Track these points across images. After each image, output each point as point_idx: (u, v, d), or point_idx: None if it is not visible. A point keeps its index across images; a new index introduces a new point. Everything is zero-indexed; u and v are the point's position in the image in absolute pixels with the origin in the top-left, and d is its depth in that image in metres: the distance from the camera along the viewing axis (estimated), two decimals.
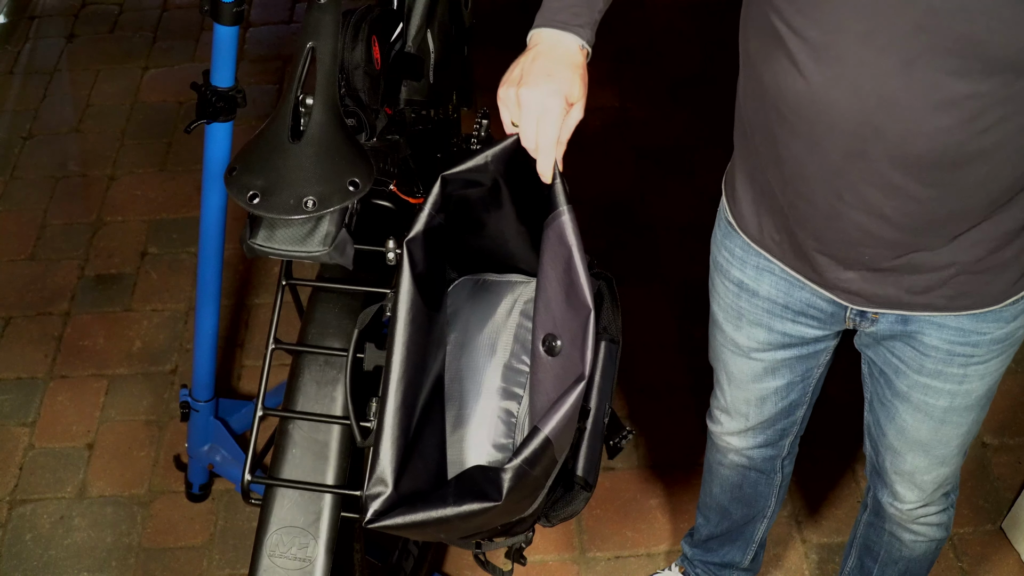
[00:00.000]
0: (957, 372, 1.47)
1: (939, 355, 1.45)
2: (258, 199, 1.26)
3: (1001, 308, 1.40)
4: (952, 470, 1.64)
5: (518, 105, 1.27)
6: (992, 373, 1.49)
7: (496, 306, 1.44)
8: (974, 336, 1.42)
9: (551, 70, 1.26)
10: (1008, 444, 2.38)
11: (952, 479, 1.68)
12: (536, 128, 1.26)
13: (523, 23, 1.34)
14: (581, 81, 1.28)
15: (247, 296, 2.75)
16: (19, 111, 3.31)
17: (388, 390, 1.24)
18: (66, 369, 2.58)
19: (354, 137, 1.37)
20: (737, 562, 2.01)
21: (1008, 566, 2.18)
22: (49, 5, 3.74)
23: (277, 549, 1.41)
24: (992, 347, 1.44)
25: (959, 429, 1.56)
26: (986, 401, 1.55)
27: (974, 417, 1.56)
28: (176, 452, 2.40)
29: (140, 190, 3.03)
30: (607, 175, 2.95)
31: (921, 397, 1.51)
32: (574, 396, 1.17)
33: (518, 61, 1.30)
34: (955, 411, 1.52)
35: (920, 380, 1.50)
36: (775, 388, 1.65)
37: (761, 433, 1.76)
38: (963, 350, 1.44)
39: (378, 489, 1.20)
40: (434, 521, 1.18)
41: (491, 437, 1.37)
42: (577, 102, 1.28)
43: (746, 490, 1.88)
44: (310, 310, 1.53)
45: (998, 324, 1.42)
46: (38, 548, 2.24)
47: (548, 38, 1.30)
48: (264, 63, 3.43)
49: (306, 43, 1.38)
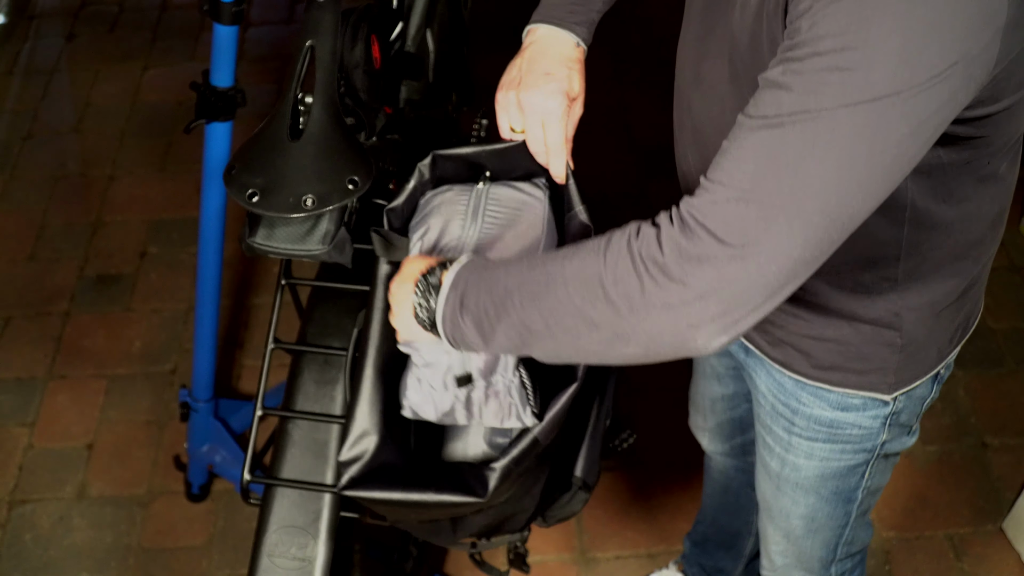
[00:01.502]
0: (783, 436, 1.37)
1: (767, 405, 1.38)
2: (257, 198, 1.26)
3: (820, 387, 1.29)
4: (806, 557, 1.51)
5: (519, 109, 1.26)
6: (820, 458, 1.36)
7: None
8: (792, 401, 1.32)
9: (549, 69, 1.25)
10: (1008, 444, 2.38)
11: (813, 571, 1.54)
12: (542, 130, 1.25)
13: (522, 23, 1.34)
14: (579, 76, 1.27)
15: (247, 296, 2.75)
16: (19, 111, 3.31)
17: (367, 353, 1.21)
18: (66, 369, 2.58)
19: (353, 136, 1.37)
20: (729, 570, 2.00)
21: (1008, 566, 2.18)
22: (49, 5, 3.74)
23: (276, 549, 1.41)
24: (814, 426, 1.33)
25: (798, 507, 1.44)
26: (828, 493, 1.40)
27: (812, 503, 1.42)
28: (176, 452, 2.40)
29: (140, 190, 3.03)
30: (607, 175, 2.95)
31: (761, 450, 1.45)
32: (564, 399, 1.17)
33: (514, 62, 1.29)
34: (788, 483, 1.42)
35: (760, 430, 1.43)
36: (722, 395, 1.62)
37: (721, 442, 1.73)
38: (784, 412, 1.35)
39: (354, 453, 1.17)
40: (412, 503, 1.15)
41: None
42: (578, 97, 1.27)
43: (729, 498, 1.87)
44: (310, 309, 1.53)
45: (819, 403, 1.30)
46: (38, 548, 2.24)
47: (544, 34, 1.29)
48: (264, 63, 3.43)
49: (305, 42, 1.38)
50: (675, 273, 0.88)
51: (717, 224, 0.87)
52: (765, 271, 0.87)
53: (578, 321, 0.94)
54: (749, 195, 0.87)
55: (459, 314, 1.03)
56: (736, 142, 0.89)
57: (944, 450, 2.37)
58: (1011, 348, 2.55)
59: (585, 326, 0.94)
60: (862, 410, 1.30)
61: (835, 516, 1.44)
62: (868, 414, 1.30)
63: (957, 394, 2.46)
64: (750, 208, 0.87)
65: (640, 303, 0.90)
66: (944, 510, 2.27)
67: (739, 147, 0.89)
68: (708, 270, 0.88)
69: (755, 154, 0.88)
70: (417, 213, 1.33)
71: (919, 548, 2.21)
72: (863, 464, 1.37)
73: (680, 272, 0.88)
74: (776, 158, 0.86)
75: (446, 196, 1.31)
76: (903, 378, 1.27)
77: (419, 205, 1.34)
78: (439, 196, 1.32)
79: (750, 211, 0.87)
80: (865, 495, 1.43)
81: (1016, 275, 2.72)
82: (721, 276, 0.87)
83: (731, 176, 0.88)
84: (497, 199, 1.29)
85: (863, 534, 1.54)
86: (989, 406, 2.44)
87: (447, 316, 1.04)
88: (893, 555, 2.20)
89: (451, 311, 1.04)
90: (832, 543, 1.49)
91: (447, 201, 1.30)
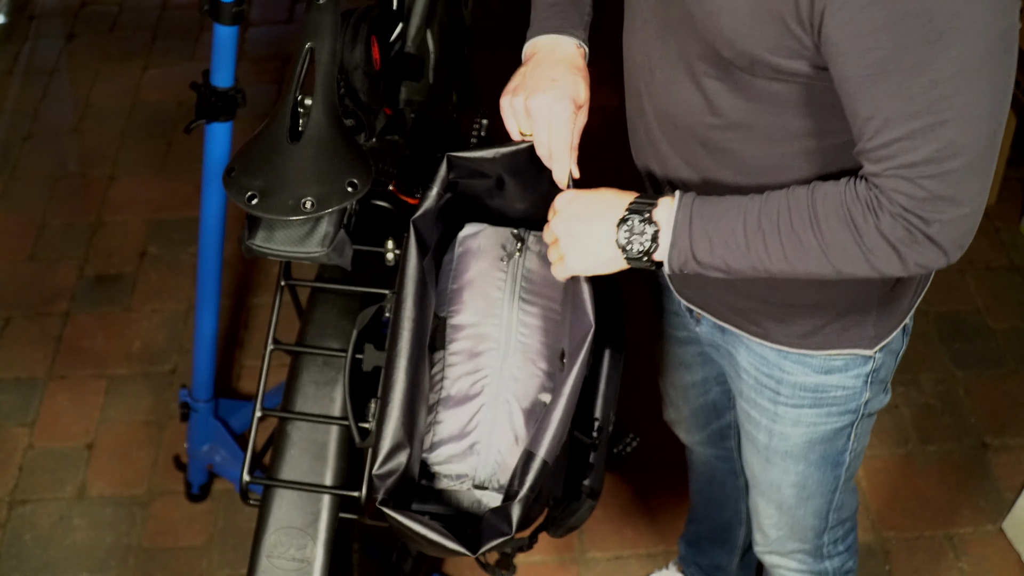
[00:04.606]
0: (768, 407, 1.40)
1: (750, 380, 1.40)
2: (256, 200, 1.26)
3: (803, 353, 1.33)
4: (799, 527, 1.54)
5: (526, 114, 1.27)
6: (807, 424, 1.40)
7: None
8: (776, 371, 1.36)
9: (555, 75, 1.26)
10: (1008, 444, 2.38)
11: (807, 540, 1.57)
12: (548, 135, 1.26)
13: (523, 24, 1.34)
14: (585, 83, 1.29)
15: (247, 296, 2.75)
16: (19, 111, 3.31)
17: (397, 365, 1.25)
18: (66, 369, 2.58)
19: (353, 138, 1.37)
20: (725, 565, 2.01)
21: (1008, 566, 2.18)
22: (49, 5, 3.74)
23: (275, 550, 1.41)
24: (800, 393, 1.36)
25: (788, 476, 1.47)
26: (816, 458, 1.44)
27: (802, 470, 1.45)
28: (176, 452, 2.40)
29: (140, 190, 3.03)
30: (606, 174, 2.94)
31: (747, 425, 1.47)
32: (559, 413, 1.19)
33: (519, 71, 1.30)
34: (776, 453, 1.45)
35: (743, 405, 1.46)
36: (691, 382, 1.64)
37: (697, 431, 1.75)
38: (769, 383, 1.38)
39: (389, 467, 1.22)
40: (441, 547, 1.20)
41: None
42: (583, 105, 1.28)
43: (715, 490, 1.88)
44: (309, 310, 1.53)
45: (802, 369, 1.34)
46: (38, 548, 2.24)
47: (545, 44, 1.30)
48: (264, 63, 3.43)
49: (305, 43, 1.38)
50: (928, 241, 1.05)
51: (947, 189, 1.01)
52: (987, 192, 1.05)
53: (833, 274, 1.11)
54: (953, 149, 1.00)
55: (691, 246, 1.13)
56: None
57: (944, 450, 2.37)
58: (1011, 348, 2.55)
59: (842, 271, 1.10)
60: (845, 371, 1.34)
61: (825, 481, 1.48)
62: (851, 374, 1.34)
63: (957, 394, 2.46)
64: (959, 159, 1.00)
65: (900, 268, 1.08)
66: (944, 510, 2.27)
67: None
68: (954, 228, 1.04)
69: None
70: (448, 274, 1.39)
71: (919, 548, 2.21)
72: (849, 426, 1.41)
73: (930, 239, 1.05)
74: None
75: (480, 267, 1.38)
76: (882, 331, 1.32)
77: (452, 258, 1.41)
78: (473, 262, 1.38)
79: (958, 162, 1.00)
80: (852, 457, 1.47)
81: (1016, 275, 2.72)
82: (966, 225, 1.05)
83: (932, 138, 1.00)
84: (530, 277, 1.37)
85: (851, 500, 1.58)
86: (989, 406, 2.44)
87: (677, 243, 1.14)
88: (893, 555, 2.20)
89: (682, 241, 1.14)
90: (823, 510, 1.52)
91: (481, 275, 1.37)
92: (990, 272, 2.72)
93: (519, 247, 1.39)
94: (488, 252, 1.40)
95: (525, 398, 1.31)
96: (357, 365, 1.39)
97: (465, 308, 1.35)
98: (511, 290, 1.37)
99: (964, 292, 2.68)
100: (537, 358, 1.33)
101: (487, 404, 1.30)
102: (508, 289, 1.37)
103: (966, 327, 2.60)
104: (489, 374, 1.31)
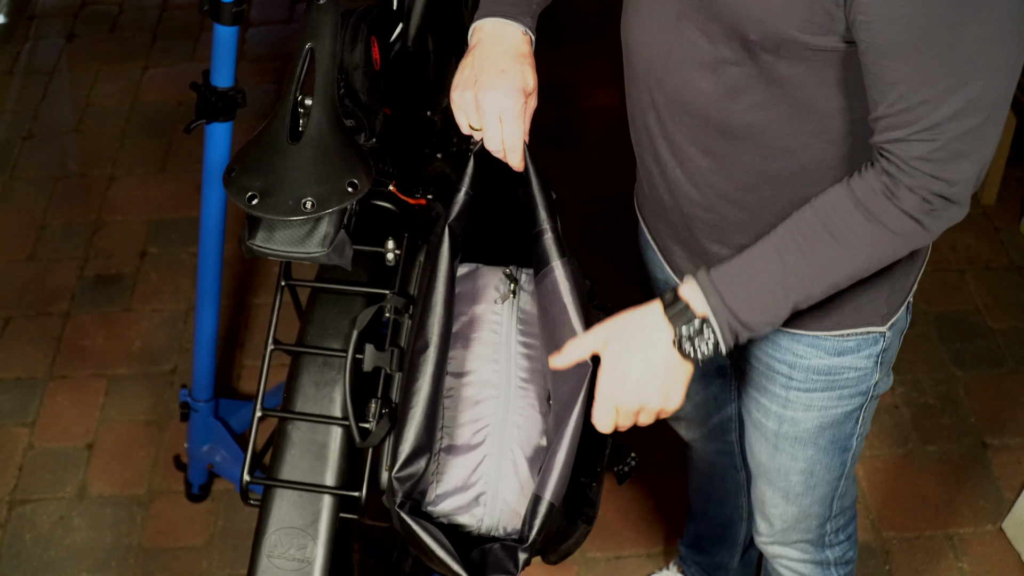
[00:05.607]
0: (780, 393, 1.41)
1: (761, 367, 1.41)
2: (256, 200, 1.26)
3: (817, 336, 1.34)
4: (804, 516, 1.54)
5: (477, 109, 1.28)
6: (819, 408, 1.40)
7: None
8: (789, 356, 1.37)
9: (502, 66, 1.27)
10: (1008, 444, 2.38)
11: (811, 530, 1.57)
12: (500, 129, 1.27)
13: None
14: (532, 70, 1.29)
15: (247, 296, 2.75)
16: (19, 111, 3.31)
17: (424, 371, 1.26)
18: (66, 369, 2.58)
19: (353, 138, 1.37)
20: (726, 563, 2.01)
21: (1008, 566, 2.18)
22: (49, 5, 3.74)
23: (276, 550, 1.41)
24: (813, 376, 1.37)
25: (796, 463, 1.47)
26: (825, 443, 1.45)
27: (811, 455, 1.46)
28: (176, 452, 2.40)
29: (140, 190, 3.03)
30: (606, 174, 2.95)
31: (755, 413, 1.47)
32: (565, 457, 1.20)
33: (465, 61, 1.31)
34: (786, 439, 1.45)
35: (752, 393, 1.46)
36: (693, 377, 1.63)
37: (699, 425, 1.75)
38: (781, 368, 1.39)
39: (409, 472, 1.23)
40: (445, 565, 1.21)
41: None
42: (532, 92, 1.29)
43: (715, 487, 1.88)
44: (309, 311, 1.53)
45: (816, 352, 1.35)
46: (38, 548, 2.24)
47: (491, 30, 1.30)
48: (264, 63, 3.43)
49: (305, 43, 1.38)
50: (946, 202, 1.08)
51: (968, 144, 1.04)
52: (996, 142, 1.07)
53: (875, 268, 1.16)
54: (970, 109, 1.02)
55: (736, 319, 1.16)
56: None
57: (944, 450, 2.37)
58: (1011, 348, 2.55)
59: (879, 263, 1.15)
60: (856, 351, 1.36)
61: (832, 467, 1.49)
62: (863, 354, 1.36)
63: (957, 394, 2.46)
64: (981, 114, 1.02)
65: (926, 237, 1.11)
66: (944, 510, 2.27)
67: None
68: (970, 184, 1.07)
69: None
70: None
71: (919, 548, 2.21)
72: (858, 409, 1.43)
73: (948, 200, 1.08)
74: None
75: (475, 311, 1.38)
76: (893, 306, 1.34)
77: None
78: (468, 307, 1.39)
79: (980, 117, 1.02)
80: (858, 442, 1.48)
81: (1016, 275, 2.72)
82: (980, 177, 1.07)
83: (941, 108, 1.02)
84: (525, 319, 1.37)
85: (852, 488, 1.60)
86: (989, 406, 2.44)
87: (725, 336, 1.17)
88: (893, 555, 2.20)
89: (730, 330, 1.17)
90: (829, 497, 1.54)
91: (477, 319, 1.37)
92: (990, 272, 2.73)
93: (512, 288, 1.39)
94: (481, 294, 1.40)
95: (528, 445, 1.30)
96: (357, 365, 1.39)
97: (463, 354, 1.35)
98: (507, 333, 1.37)
99: (964, 292, 2.68)
100: (537, 402, 1.33)
101: (491, 455, 1.30)
102: (504, 332, 1.37)
103: (966, 327, 2.60)
104: (491, 423, 1.31)
